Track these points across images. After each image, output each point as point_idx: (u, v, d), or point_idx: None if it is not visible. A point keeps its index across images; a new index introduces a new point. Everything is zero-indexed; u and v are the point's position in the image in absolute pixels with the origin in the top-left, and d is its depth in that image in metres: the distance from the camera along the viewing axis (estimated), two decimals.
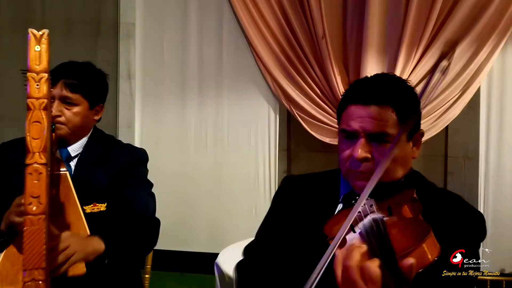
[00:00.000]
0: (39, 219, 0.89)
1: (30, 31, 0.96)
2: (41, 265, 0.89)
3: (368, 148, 1.02)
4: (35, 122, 0.92)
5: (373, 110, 1.01)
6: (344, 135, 1.07)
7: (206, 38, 3.64)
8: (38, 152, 0.92)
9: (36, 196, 0.90)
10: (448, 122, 3.13)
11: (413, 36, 3.01)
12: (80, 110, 1.48)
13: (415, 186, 1.00)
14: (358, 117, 1.02)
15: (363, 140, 1.02)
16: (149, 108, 3.77)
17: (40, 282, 0.90)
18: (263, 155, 3.62)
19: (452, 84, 3.06)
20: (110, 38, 3.74)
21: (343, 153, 1.06)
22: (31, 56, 0.96)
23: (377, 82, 1.09)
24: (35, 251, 0.89)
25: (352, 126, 1.03)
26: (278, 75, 3.35)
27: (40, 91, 0.94)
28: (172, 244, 3.56)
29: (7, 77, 3.85)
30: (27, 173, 0.91)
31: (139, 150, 1.63)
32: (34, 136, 0.92)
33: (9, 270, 1.20)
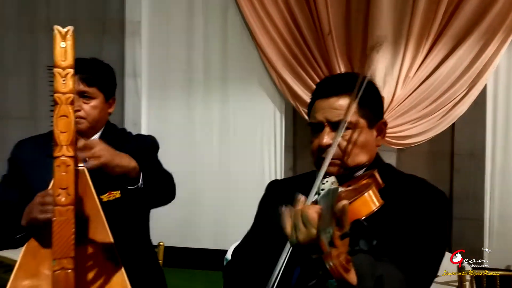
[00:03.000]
0: (67, 210, 0.92)
1: (56, 28, 0.98)
2: (70, 254, 0.92)
3: (332, 136, 1.10)
4: (63, 116, 0.95)
5: (333, 101, 1.13)
6: (312, 129, 1.18)
7: (212, 36, 3.66)
8: (66, 145, 0.94)
9: (64, 187, 0.92)
10: (455, 120, 3.15)
11: (421, 31, 3.03)
12: (97, 104, 1.51)
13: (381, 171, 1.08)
14: (321, 109, 1.14)
15: (327, 129, 1.12)
16: (155, 105, 3.79)
17: (69, 271, 0.92)
18: (269, 152, 3.64)
19: (458, 81, 3.07)
20: (115, 36, 3.76)
21: (313, 145, 1.17)
22: (56, 53, 0.98)
23: (336, 77, 1.26)
24: (64, 241, 0.91)
25: (317, 118, 1.14)
26: (283, 72, 3.37)
27: (66, 86, 0.97)
28: (179, 240, 3.59)
29: (12, 76, 3.88)
30: (55, 165, 0.93)
31: (148, 138, 1.66)
32: (61, 130, 0.94)
33: (30, 263, 1.22)
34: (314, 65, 3.31)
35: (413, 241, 1.01)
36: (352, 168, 1.13)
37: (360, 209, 0.91)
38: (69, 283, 0.93)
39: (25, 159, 1.50)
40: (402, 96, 3.15)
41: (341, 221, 0.81)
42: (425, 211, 1.05)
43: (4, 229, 1.31)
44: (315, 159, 1.17)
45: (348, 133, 1.09)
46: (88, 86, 1.47)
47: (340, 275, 0.72)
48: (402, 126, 3.17)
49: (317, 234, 0.79)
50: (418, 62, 3.09)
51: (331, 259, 0.72)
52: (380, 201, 0.95)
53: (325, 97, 1.14)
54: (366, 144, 1.13)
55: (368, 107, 1.11)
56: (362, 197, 0.93)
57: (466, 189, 3.24)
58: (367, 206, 0.92)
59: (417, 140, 3.19)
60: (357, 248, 0.71)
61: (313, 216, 0.83)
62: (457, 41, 3.06)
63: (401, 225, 1.01)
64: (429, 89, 3.11)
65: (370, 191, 0.95)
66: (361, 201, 0.92)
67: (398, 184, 1.10)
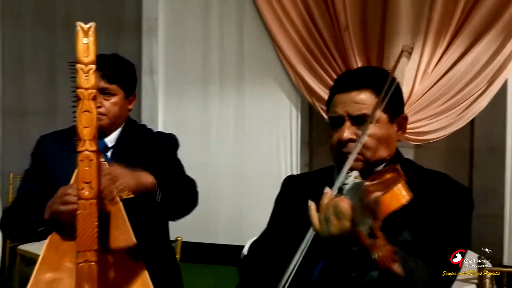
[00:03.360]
0: (91, 204, 0.93)
1: (78, 24, 1.00)
2: (93, 247, 0.93)
3: (353, 130, 1.10)
4: (85, 112, 0.96)
5: (354, 95, 1.11)
6: (331, 124, 1.16)
7: (228, 33, 3.66)
8: (89, 140, 0.95)
9: (87, 181, 0.94)
10: (474, 115, 3.10)
11: (439, 26, 2.98)
12: (118, 100, 1.52)
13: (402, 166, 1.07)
14: (341, 103, 1.13)
15: (348, 123, 1.11)
16: (172, 103, 3.81)
17: (93, 263, 0.94)
18: (285, 148, 3.63)
19: (477, 76, 3.02)
20: (132, 34, 3.79)
21: (332, 139, 1.15)
22: (79, 49, 0.99)
23: (356, 71, 1.23)
24: (88, 234, 0.93)
25: (337, 112, 1.13)
26: (300, 68, 3.36)
27: (89, 82, 0.98)
28: (195, 236, 3.61)
29: (31, 73, 3.94)
30: (78, 160, 0.95)
31: (169, 136, 1.66)
32: (84, 125, 0.95)
33: (53, 256, 1.24)
34: (330, 61, 3.29)
35: (437, 237, 0.99)
36: (373, 162, 1.12)
37: (390, 202, 0.90)
38: (92, 276, 0.94)
39: (47, 154, 1.52)
40: (421, 91, 3.11)
41: (375, 213, 0.80)
42: (449, 206, 1.04)
43: (27, 222, 1.33)
44: (334, 154, 1.15)
45: (371, 128, 1.07)
46: (109, 83, 1.48)
47: (387, 266, 0.72)
48: (420, 122, 3.14)
49: (353, 226, 0.78)
50: (436, 57, 3.05)
51: (378, 250, 0.72)
52: (409, 195, 0.93)
53: (346, 91, 1.13)
54: (387, 139, 1.12)
55: (389, 102, 1.09)
56: (392, 191, 0.91)
57: (486, 186, 3.19)
58: (397, 199, 0.91)
59: (436, 136, 3.16)
60: (401, 239, 0.71)
61: (346, 208, 0.83)
62: (476, 36, 3.01)
63: (424, 220, 1.00)
64: (448, 84, 3.07)
65: (400, 184, 0.94)
66: (391, 195, 0.91)
67: (420, 179, 1.08)
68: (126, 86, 1.55)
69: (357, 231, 0.76)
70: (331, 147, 1.16)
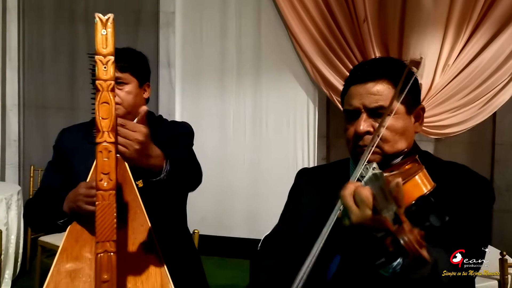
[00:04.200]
0: (109, 195, 0.94)
1: (97, 15, 0.99)
2: (113, 238, 0.94)
3: (370, 122, 1.07)
4: (104, 103, 0.96)
5: (370, 86, 1.08)
6: (347, 116, 1.14)
7: (245, 26, 3.65)
8: (107, 131, 0.95)
9: (106, 173, 0.94)
10: (496, 108, 3.04)
11: (461, 17, 2.92)
12: (131, 89, 1.52)
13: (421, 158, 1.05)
14: (357, 95, 1.09)
15: (364, 115, 1.08)
16: (189, 95, 3.82)
17: (112, 254, 0.94)
18: (302, 142, 3.62)
19: (500, 69, 2.96)
20: (150, 27, 3.81)
21: (348, 132, 1.12)
22: (97, 40, 0.99)
23: (372, 62, 1.17)
24: (107, 225, 0.93)
25: (353, 104, 1.10)
26: (317, 61, 3.33)
27: (107, 73, 0.98)
28: (212, 229, 3.63)
29: (51, 67, 3.99)
30: (97, 151, 0.95)
31: (182, 124, 1.66)
32: (103, 116, 0.95)
33: (73, 246, 1.26)
34: (348, 53, 3.25)
35: (459, 228, 0.97)
36: (391, 155, 1.09)
37: (413, 191, 0.88)
38: (111, 266, 0.95)
39: (68, 146, 1.54)
40: (441, 84, 3.06)
41: (397, 199, 0.78)
42: (470, 197, 1.02)
43: (48, 214, 1.35)
44: (351, 147, 1.13)
45: (387, 120, 1.05)
46: (121, 72, 1.49)
47: (416, 250, 0.70)
48: (441, 115, 3.08)
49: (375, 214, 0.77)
50: (458, 49, 2.99)
51: (405, 234, 0.70)
52: (431, 184, 0.91)
53: (362, 82, 1.09)
54: (405, 131, 1.09)
55: (407, 94, 1.05)
56: (413, 179, 0.90)
57: (507, 181, 3.13)
58: (419, 188, 0.89)
59: (457, 129, 3.10)
60: (427, 224, 0.69)
61: (367, 196, 0.81)
62: (499, 26, 2.94)
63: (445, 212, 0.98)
64: (470, 77, 3.00)
65: (421, 173, 0.92)
66: (412, 183, 0.89)
67: (439, 171, 1.05)
68: (139, 75, 1.56)
69: (381, 217, 0.75)
70: (347, 141, 1.14)
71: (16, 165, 4.02)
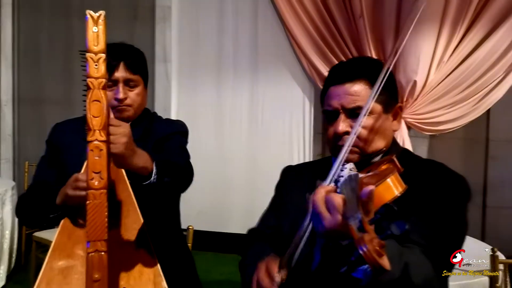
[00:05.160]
0: (101, 193, 0.94)
1: (88, 12, 0.99)
2: (104, 237, 0.94)
3: (348, 123, 1.09)
4: (95, 101, 0.96)
5: (348, 87, 1.09)
6: (327, 117, 1.15)
7: (241, 21, 3.64)
8: (99, 130, 0.95)
9: (97, 171, 0.94)
10: (491, 105, 3.05)
11: (456, 13, 2.93)
12: (140, 91, 1.51)
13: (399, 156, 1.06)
14: (335, 96, 1.11)
15: (342, 116, 1.10)
16: (185, 91, 3.82)
17: (103, 253, 0.94)
18: (298, 137, 3.62)
19: (495, 66, 2.96)
20: (146, 22, 3.79)
21: (328, 132, 1.14)
22: (89, 37, 0.98)
23: (349, 62, 1.19)
24: (98, 224, 0.93)
25: (332, 105, 1.11)
26: (313, 57, 3.33)
27: (99, 71, 0.97)
28: (209, 225, 3.64)
29: (47, 61, 3.97)
30: (88, 149, 0.95)
31: (177, 122, 1.65)
32: (94, 114, 0.95)
33: (66, 243, 1.25)
34: (344, 49, 3.25)
35: (434, 227, 0.99)
36: (370, 154, 1.11)
37: (384, 194, 0.89)
38: (102, 265, 0.95)
39: (61, 141, 1.53)
40: (436, 81, 3.06)
41: (366, 206, 0.80)
42: (445, 195, 1.03)
43: (41, 208, 1.34)
44: (331, 147, 1.15)
45: (365, 119, 1.06)
46: (133, 73, 1.47)
47: (374, 260, 0.70)
48: (436, 112, 3.09)
49: (344, 220, 0.78)
50: (453, 45, 2.99)
51: (365, 244, 0.71)
52: (403, 186, 0.93)
53: (340, 83, 1.11)
54: (383, 130, 1.11)
55: (384, 92, 1.07)
56: (385, 182, 0.91)
57: (502, 177, 3.14)
58: (390, 191, 0.91)
59: (451, 126, 3.11)
60: (389, 233, 0.70)
61: (338, 202, 0.82)
62: (494, 24, 2.95)
63: (421, 211, 0.99)
64: (464, 74, 3.01)
65: (393, 176, 0.93)
66: (384, 186, 0.90)
67: (417, 169, 1.07)
68: (146, 76, 1.56)
69: (348, 225, 0.75)
70: (328, 140, 1.16)
71: (11, 160, 4.02)
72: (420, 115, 3.11)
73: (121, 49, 1.49)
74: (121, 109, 1.46)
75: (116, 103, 1.45)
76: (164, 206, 1.52)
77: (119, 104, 1.45)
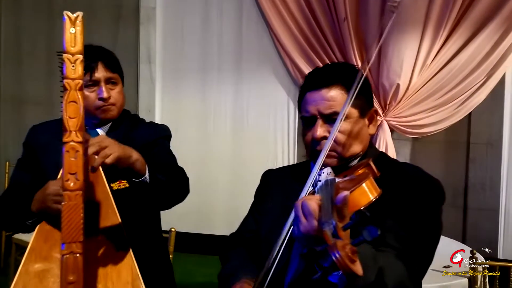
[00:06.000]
0: (76, 195, 0.93)
1: (65, 13, 0.98)
2: (79, 239, 0.93)
3: (326, 128, 1.10)
4: (72, 102, 0.95)
5: (324, 92, 1.11)
6: (304, 123, 1.17)
7: (226, 22, 3.64)
8: (75, 131, 0.94)
9: (73, 173, 0.93)
10: (472, 109, 3.09)
11: (439, 17, 2.96)
12: (120, 89, 1.51)
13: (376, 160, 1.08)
14: (312, 102, 1.12)
15: (320, 121, 1.11)
16: (169, 92, 3.80)
17: (78, 255, 0.93)
18: (282, 139, 3.63)
19: (477, 69, 3.01)
20: (130, 22, 3.76)
21: (306, 138, 1.16)
22: (66, 38, 0.98)
23: (325, 68, 1.21)
24: (73, 225, 0.92)
25: (309, 111, 1.13)
26: (297, 59, 3.35)
27: (76, 72, 0.96)
28: (192, 226, 3.62)
29: (29, 61, 3.91)
30: (64, 151, 0.94)
31: (160, 127, 1.64)
32: (70, 116, 0.94)
33: (42, 246, 1.24)
34: (328, 51, 3.27)
35: (409, 229, 1.01)
36: (347, 158, 1.13)
37: (359, 199, 0.91)
38: (77, 267, 0.94)
39: (39, 143, 1.51)
40: (419, 84, 3.10)
41: (341, 212, 0.81)
42: (420, 199, 1.05)
43: (16, 213, 1.32)
44: (309, 152, 1.16)
45: (341, 124, 1.08)
46: (112, 72, 1.48)
47: (346, 266, 0.71)
48: (418, 115, 3.13)
49: (319, 226, 0.78)
50: (435, 49, 3.03)
51: (337, 250, 0.71)
52: (378, 191, 0.94)
53: (316, 88, 1.12)
54: (360, 134, 1.13)
55: (359, 97, 1.09)
56: (361, 187, 0.92)
57: (482, 179, 3.19)
58: (365, 196, 0.92)
59: (433, 129, 3.15)
60: (361, 239, 0.70)
61: (314, 207, 0.83)
62: (476, 28, 2.99)
63: (396, 214, 1.01)
64: (447, 77, 3.05)
65: (368, 181, 0.95)
66: (359, 191, 0.92)
67: (393, 173, 1.10)
68: (123, 76, 1.55)
69: (322, 230, 0.76)
70: (306, 146, 1.17)
71: None
72: (403, 118, 3.14)
73: (96, 50, 1.49)
74: (106, 108, 1.46)
75: (101, 103, 1.45)
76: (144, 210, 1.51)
77: (104, 104, 1.45)
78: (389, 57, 3.06)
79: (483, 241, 2.95)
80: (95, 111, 1.46)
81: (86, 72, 1.39)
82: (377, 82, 3.15)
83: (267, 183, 1.34)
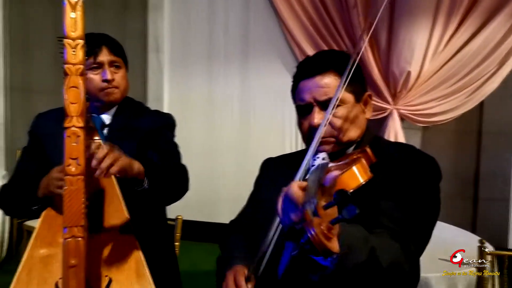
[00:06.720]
0: (77, 180, 0.93)
1: None
2: (80, 223, 0.93)
3: (323, 115, 1.10)
4: (73, 87, 0.95)
5: (318, 79, 1.11)
6: (300, 111, 1.17)
7: (233, 10, 3.61)
8: (76, 116, 0.94)
9: (74, 158, 0.93)
10: (484, 97, 3.04)
11: (450, 4, 2.91)
12: (124, 74, 1.52)
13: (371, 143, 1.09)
14: (307, 89, 1.12)
15: (316, 109, 1.11)
16: (177, 80, 3.79)
17: (80, 239, 0.94)
18: (290, 127, 3.60)
19: (488, 57, 2.95)
20: (139, 12, 3.75)
21: (303, 126, 1.16)
22: (67, 23, 0.97)
23: (317, 55, 1.20)
24: (74, 210, 0.93)
25: (305, 99, 1.13)
26: (306, 47, 3.31)
27: (76, 57, 0.96)
28: (199, 215, 3.63)
29: (37, 50, 3.93)
30: (66, 136, 0.94)
31: (165, 115, 1.64)
32: (72, 101, 0.94)
33: (47, 232, 1.25)
34: (337, 39, 3.23)
35: (405, 209, 1.00)
36: (345, 143, 1.13)
37: (348, 182, 0.92)
38: (79, 251, 0.95)
39: (44, 132, 1.52)
40: (430, 72, 3.05)
41: (329, 192, 0.81)
42: (416, 177, 1.05)
43: (22, 199, 1.33)
44: (306, 140, 1.16)
45: (338, 110, 1.09)
46: (116, 55, 1.48)
47: (320, 243, 0.71)
48: (429, 103, 3.08)
49: (302, 206, 0.78)
50: (447, 36, 2.98)
51: (312, 227, 0.71)
52: (368, 175, 0.95)
53: (310, 76, 1.12)
54: (357, 119, 1.13)
55: (353, 82, 1.09)
56: (350, 170, 0.93)
57: (493, 169, 3.15)
58: (355, 179, 0.93)
59: (444, 118, 3.10)
60: (340, 217, 0.70)
61: (296, 192, 0.82)
62: (488, 16, 2.93)
63: (392, 195, 1.01)
64: (458, 65, 3.00)
65: (359, 164, 0.96)
66: (349, 174, 0.93)
67: (388, 154, 1.09)
68: (126, 61, 1.55)
69: (303, 210, 0.75)
70: (303, 133, 1.17)
71: (3, 149, 3.98)
72: (413, 107, 3.10)
73: (101, 36, 1.50)
74: (109, 91, 1.47)
75: (105, 84, 1.46)
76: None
77: (107, 86, 1.46)
78: (400, 44, 3.01)
79: (493, 231, 2.92)
80: (99, 93, 1.46)
81: (91, 55, 1.40)
82: (387, 69, 3.10)
83: (266, 171, 1.34)
